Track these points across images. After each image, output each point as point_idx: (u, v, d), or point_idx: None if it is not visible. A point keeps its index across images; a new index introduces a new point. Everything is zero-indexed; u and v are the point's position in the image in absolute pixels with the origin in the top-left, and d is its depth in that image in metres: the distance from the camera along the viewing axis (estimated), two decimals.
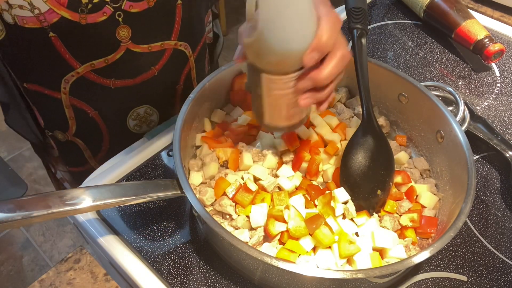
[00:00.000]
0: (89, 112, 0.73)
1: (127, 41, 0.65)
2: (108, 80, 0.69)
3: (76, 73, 0.66)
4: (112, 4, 0.61)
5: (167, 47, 0.71)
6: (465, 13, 0.89)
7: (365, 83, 0.63)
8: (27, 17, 0.57)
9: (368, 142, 0.62)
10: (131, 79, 0.71)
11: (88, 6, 0.59)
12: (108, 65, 0.67)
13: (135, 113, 0.77)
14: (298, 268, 0.46)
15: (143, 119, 0.79)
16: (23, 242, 1.77)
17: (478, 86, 0.85)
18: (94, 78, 0.67)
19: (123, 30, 0.64)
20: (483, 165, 0.72)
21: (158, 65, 0.72)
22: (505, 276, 0.59)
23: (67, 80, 0.66)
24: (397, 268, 0.49)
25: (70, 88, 0.68)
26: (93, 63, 0.66)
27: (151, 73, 0.72)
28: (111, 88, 0.70)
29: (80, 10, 0.59)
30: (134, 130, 0.79)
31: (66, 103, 0.70)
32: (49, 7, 0.57)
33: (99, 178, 0.66)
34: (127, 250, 0.59)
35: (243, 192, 0.58)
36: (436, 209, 0.61)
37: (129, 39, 0.65)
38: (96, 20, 0.61)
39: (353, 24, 0.66)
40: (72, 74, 0.66)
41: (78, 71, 0.66)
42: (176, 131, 0.57)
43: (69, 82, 0.67)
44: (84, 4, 0.59)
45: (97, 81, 0.68)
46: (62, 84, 0.67)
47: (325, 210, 0.56)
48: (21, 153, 2.05)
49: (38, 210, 0.46)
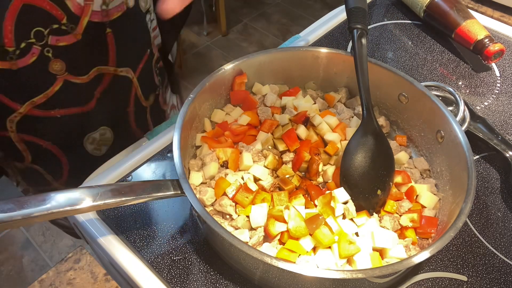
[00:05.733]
0: (42, 144, 0.73)
1: (63, 73, 0.66)
2: (53, 111, 0.69)
3: (19, 113, 0.66)
4: (38, 42, 0.61)
5: (105, 72, 0.71)
6: (465, 13, 0.89)
7: (365, 83, 0.63)
8: None
9: (368, 142, 0.62)
10: (77, 107, 0.71)
11: (16, 52, 0.60)
12: (49, 98, 0.67)
13: (90, 138, 0.77)
14: (298, 268, 0.46)
15: (101, 142, 0.79)
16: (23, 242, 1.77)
17: (478, 86, 0.85)
18: (38, 113, 0.68)
19: (55, 64, 0.64)
20: (483, 165, 0.72)
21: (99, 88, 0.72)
22: (505, 276, 0.59)
23: (12, 120, 0.66)
24: (397, 268, 0.48)
25: (17, 127, 0.68)
26: (33, 101, 0.66)
27: (95, 97, 0.72)
28: (58, 117, 0.70)
29: (9, 58, 0.59)
30: (94, 153, 0.79)
31: (16, 139, 0.70)
32: None
33: (99, 178, 0.66)
34: (127, 250, 0.59)
35: (243, 192, 0.58)
36: (436, 209, 0.61)
37: (65, 71, 0.65)
38: (28, 62, 0.61)
39: (353, 24, 0.66)
40: (15, 115, 0.66)
41: (20, 111, 0.66)
42: (176, 131, 0.57)
43: (14, 121, 0.67)
44: (12, 51, 0.59)
45: (43, 115, 0.68)
46: (8, 123, 0.67)
47: (325, 210, 0.57)
48: None
49: (38, 210, 0.46)
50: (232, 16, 2.92)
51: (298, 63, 0.72)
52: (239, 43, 2.78)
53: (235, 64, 0.67)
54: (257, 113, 0.69)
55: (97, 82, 0.72)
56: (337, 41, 0.93)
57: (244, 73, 0.69)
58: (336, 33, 0.94)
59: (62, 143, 0.75)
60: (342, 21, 0.97)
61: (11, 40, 0.59)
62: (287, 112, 0.70)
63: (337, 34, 0.94)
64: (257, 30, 2.87)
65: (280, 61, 0.71)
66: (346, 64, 0.69)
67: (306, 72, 0.73)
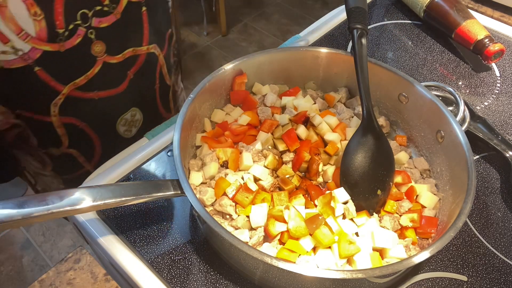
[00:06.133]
0: (79, 125, 0.77)
1: (103, 55, 0.70)
2: (91, 93, 0.73)
3: (62, 95, 0.70)
4: (83, 24, 0.65)
5: (140, 53, 0.76)
6: (465, 13, 0.89)
7: (365, 83, 0.63)
8: (12, 59, 0.62)
9: (368, 142, 0.62)
10: (113, 89, 0.75)
11: (65, 33, 0.64)
12: (89, 80, 0.71)
13: (123, 120, 0.82)
14: (298, 268, 0.46)
15: (131, 123, 0.83)
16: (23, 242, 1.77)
17: (478, 86, 0.85)
18: (79, 94, 0.72)
19: (97, 46, 0.69)
20: (483, 165, 0.72)
21: (133, 69, 0.77)
22: (505, 276, 0.59)
23: (56, 103, 0.70)
24: (397, 268, 0.48)
25: (59, 110, 0.72)
26: (76, 82, 0.70)
27: (128, 78, 0.76)
28: (96, 99, 0.74)
29: (58, 40, 0.63)
30: (124, 135, 0.84)
31: (57, 123, 0.74)
32: (31, 46, 0.62)
33: (99, 178, 0.66)
34: (127, 250, 0.59)
35: (243, 192, 0.58)
36: (436, 209, 0.61)
37: (104, 53, 0.70)
38: (73, 43, 0.66)
39: (353, 24, 0.66)
40: (59, 97, 0.70)
41: (64, 92, 0.70)
42: (176, 131, 0.57)
43: (58, 105, 0.71)
44: (61, 33, 0.64)
45: (82, 97, 0.72)
46: (52, 108, 0.71)
47: (325, 210, 0.57)
48: None
49: (38, 210, 0.46)
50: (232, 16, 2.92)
51: (298, 63, 0.72)
52: (239, 43, 2.78)
53: (235, 64, 0.67)
54: (257, 113, 0.69)
55: (131, 63, 0.76)
56: (337, 41, 0.93)
57: (244, 73, 0.69)
58: (336, 33, 0.94)
59: (97, 125, 0.79)
60: (342, 21, 0.97)
61: (62, 22, 0.63)
62: (287, 112, 0.70)
63: (337, 34, 0.94)
64: (257, 30, 2.87)
65: (280, 61, 0.71)
66: (346, 64, 0.69)
67: (306, 72, 0.73)
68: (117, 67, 0.74)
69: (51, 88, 0.69)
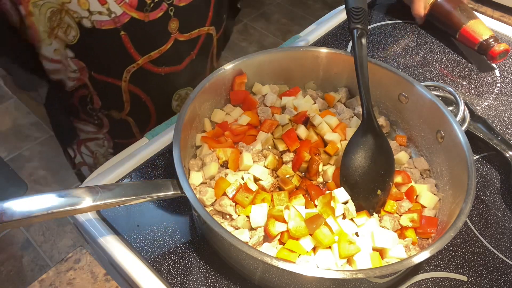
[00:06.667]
0: (142, 97, 0.82)
1: (175, 32, 0.76)
2: (159, 68, 0.79)
3: (137, 64, 0.76)
4: (166, 0, 0.72)
5: (202, 33, 0.81)
6: (469, 13, 0.89)
7: (365, 83, 0.63)
8: (104, 20, 0.68)
9: (368, 142, 0.62)
10: (178, 65, 0.81)
11: (151, 5, 0.71)
12: (161, 55, 0.76)
13: (177, 95, 0.88)
14: (298, 268, 0.46)
15: (184, 99, 0.88)
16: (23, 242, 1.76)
17: (478, 86, 0.85)
18: (149, 67, 0.78)
19: (173, 23, 0.74)
20: (483, 165, 0.72)
21: (196, 49, 0.82)
22: (505, 276, 0.59)
23: (129, 70, 0.75)
24: (397, 268, 0.48)
25: (130, 77, 0.77)
26: (151, 55, 0.76)
27: (190, 58, 0.82)
28: (162, 75, 0.80)
29: (144, 10, 0.70)
30: (176, 110, 0.90)
31: (125, 89, 0.79)
32: (123, 10, 0.68)
33: (99, 178, 0.66)
34: (127, 250, 0.59)
35: (243, 192, 0.58)
36: (436, 209, 0.61)
37: (177, 30, 0.75)
38: (156, 16, 0.72)
39: (353, 24, 0.66)
40: (134, 65, 0.76)
41: (139, 62, 0.76)
42: (176, 131, 0.57)
43: (130, 72, 0.76)
44: (148, 4, 0.70)
45: (152, 70, 0.79)
46: (124, 74, 0.76)
47: (325, 210, 0.57)
48: (21, 153, 2.05)
49: (38, 210, 0.46)
50: None
51: (298, 63, 0.72)
52: (239, 43, 2.77)
53: (235, 64, 0.67)
54: (257, 113, 0.69)
55: (195, 42, 0.81)
56: (337, 41, 0.93)
57: (244, 73, 0.69)
58: (336, 33, 0.94)
59: (157, 98, 0.85)
60: (342, 21, 0.97)
61: None
62: (287, 112, 0.70)
63: (337, 34, 0.94)
64: (257, 30, 2.87)
65: (280, 61, 0.71)
66: (346, 64, 0.69)
67: (306, 72, 0.73)
68: (184, 46, 0.79)
69: (129, 55, 0.74)
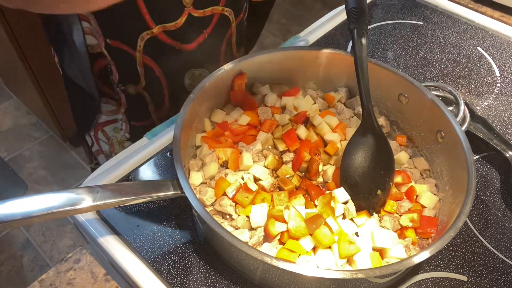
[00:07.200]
0: (156, 71, 0.81)
1: (190, 6, 0.75)
2: (174, 42, 0.77)
3: (151, 32, 0.74)
4: None
5: (215, 12, 0.79)
6: None
7: (365, 83, 0.63)
8: None
9: (368, 142, 0.62)
10: (190, 43, 0.80)
11: None
12: (177, 28, 0.76)
13: (190, 73, 0.86)
14: (298, 268, 0.46)
15: (197, 80, 0.86)
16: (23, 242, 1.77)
17: (478, 86, 0.85)
18: (164, 38, 0.76)
19: None
20: (483, 165, 0.72)
21: (209, 28, 0.80)
22: (505, 276, 0.59)
23: (143, 37, 0.74)
24: (397, 268, 0.49)
25: (144, 47, 0.76)
26: (166, 25, 0.74)
27: (203, 36, 0.80)
28: (176, 49, 0.79)
29: None
30: (189, 88, 0.87)
31: (139, 61, 0.78)
32: None
33: (99, 178, 0.66)
34: (127, 250, 0.59)
35: (243, 192, 0.58)
36: (436, 209, 0.61)
37: (191, 5, 0.74)
38: None
39: (353, 24, 0.66)
40: (147, 32, 0.74)
41: (153, 31, 0.74)
42: (176, 131, 0.57)
43: (144, 40, 0.75)
44: None
45: (166, 42, 0.77)
46: (138, 42, 0.75)
47: (325, 210, 0.57)
48: (21, 153, 2.05)
49: (38, 210, 0.46)
50: None
51: (298, 63, 0.72)
52: None
53: (235, 64, 0.67)
54: (257, 113, 0.69)
55: (208, 21, 0.80)
56: (337, 41, 0.92)
57: (244, 73, 0.69)
58: (336, 33, 0.94)
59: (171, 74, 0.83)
60: (342, 21, 0.97)
61: None
62: (287, 112, 0.70)
63: (337, 34, 0.94)
64: None
65: (280, 61, 0.71)
66: (346, 64, 0.69)
67: (306, 72, 0.73)
68: (197, 22, 0.78)
69: (144, 22, 0.72)
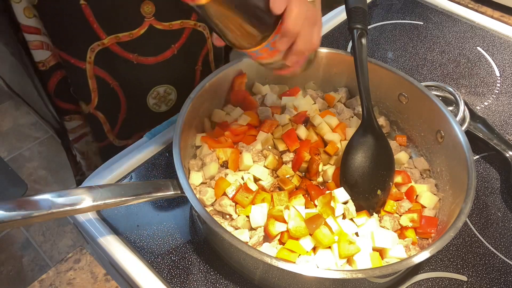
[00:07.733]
0: (111, 83, 0.76)
1: (151, 17, 0.69)
2: (131, 55, 0.72)
3: (102, 43, 0.69)
4: None
5: (186, 26, 0.74)
6: None
7: (365, 83, 0.64)
8: None
9: (368, 142, 0.62)
10: (153, 57, 0.74)
11: None
12: (132, 39, 0.70)
13: (155, 92, 0.80)
14: (298, 268, 0.46)
15: (163, 98, 0.81)
16: (23, 242, 1.76)
17: (478, 86, 0.85)
18: (118, 50, 0.71)
19: (147, 6, 0.68)
20: (483, 165, 0.72)
21: (178, 43, 0.75)
22: (505, 276, 0.59)
23: (93, 49, 0.69)
24: (397, 268, 0.49)
25: (95, 58, 0.71)
26: (118, 36, 0.69)
27: (171, 52, 0.75)
28: (134, 63, 0.73)
29: None
30: (153, 108, 0.82)
31: (90, 74, 0.73)
32: None
33: (99, 178, 0.66)
34: (127, 250, 0.59)
35: (243, 192, 0.58)
36: (436, 209, 0.61)
37: (152, 15, 0.69)
38: None
39: (353, 24, 0.66)
40: (98, 43, 0.69)
41: (104, 42, 0.69)
42: (176, 131, 0.57)
43: (95, 51, 0.70)
44: None
45: (121, 54, 0.72)
46: (88, 53, 0.70)
47: (325, 210, 0.57)
48: (21, 153, 2.05)
49: (38, 210, 0.46)
50: None
51: None
52: None
53: (235, 64, 0.67)
54: (257, 113, 0.69)
55: (177, 36, 0.75)
56: (337, 41, 0.93)
57: (244, 73, 0.69)
58: (336, 33, 0.94)
59: (129, 89, 0.78)
60: (342, 21, 0.97)
61: None
62: (287, 112, 0.70)
63: (337, 34, 0.94)
64: None
65: None
66: (346, 64, 0.69)
67: (306, 72, 0.73)
68: (162, 36, 0.73)
69: (93, 31, 0.68)
